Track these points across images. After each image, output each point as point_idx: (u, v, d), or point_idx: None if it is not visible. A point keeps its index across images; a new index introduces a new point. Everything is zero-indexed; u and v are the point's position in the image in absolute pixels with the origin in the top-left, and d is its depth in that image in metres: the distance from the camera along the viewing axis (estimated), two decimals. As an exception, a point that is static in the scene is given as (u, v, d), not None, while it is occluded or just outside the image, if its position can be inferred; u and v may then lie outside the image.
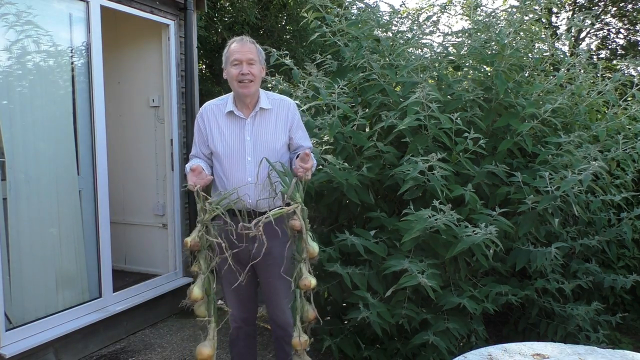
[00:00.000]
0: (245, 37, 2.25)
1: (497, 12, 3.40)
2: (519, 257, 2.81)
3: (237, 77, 2.16)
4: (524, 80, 3.28)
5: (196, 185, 2.01)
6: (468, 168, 2.82)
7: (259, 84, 2.23)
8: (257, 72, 2.20)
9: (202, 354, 1.93)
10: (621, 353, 1.73)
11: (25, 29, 2.89)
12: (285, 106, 2.29)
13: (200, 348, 1.95)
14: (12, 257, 2.80)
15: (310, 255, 2.04)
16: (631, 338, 3.44)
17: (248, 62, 2.16)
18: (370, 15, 3.32)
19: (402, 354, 2.76)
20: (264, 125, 2.24)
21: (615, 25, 13.47)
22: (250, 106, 2.24)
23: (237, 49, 2.18)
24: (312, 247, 2.04)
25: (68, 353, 3.04)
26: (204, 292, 1.95)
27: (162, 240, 4.05)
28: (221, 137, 2.24)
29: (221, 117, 2.26)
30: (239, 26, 7.75)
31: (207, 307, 2.00)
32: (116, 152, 4.04)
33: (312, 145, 2.47)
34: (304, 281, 2.00)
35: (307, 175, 2.09)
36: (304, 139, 2.34)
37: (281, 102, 2.29)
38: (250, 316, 2.44)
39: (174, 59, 3.86)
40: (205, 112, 2.30)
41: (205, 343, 1.96)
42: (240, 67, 2.16)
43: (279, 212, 1.97)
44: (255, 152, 2.20)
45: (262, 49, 2.30)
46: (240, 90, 2.18)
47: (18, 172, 2.85)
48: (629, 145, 3.13)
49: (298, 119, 2.32)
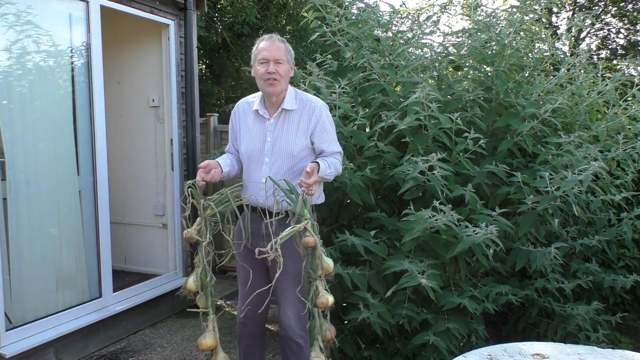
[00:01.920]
0: (275, 36, 2.22)
1: (497, 12, 3.40)
2: (519, 257, 2.81)
3: (264, 75, 2.15)
4: (524, 80, 3.28)
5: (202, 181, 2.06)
6: (468, 168, 2.82)
7: (285, 83, 2.21)
8: (284, 72, 2.17)
9: (202, 345, 2.00)
10: (621, 353, 1.73)
11: (25, 29, 2.89)
12: (310, 108, 2.23)
13: (201, 339, 2.01)
14: (12, 257, 2.80)
15: (325, 272, 1.99)
16: (631, 338, 3.44)
17: (275, 61, 2.14)
18: (370, 15, 3.32)
19: (402, 354, 2.76)
20: (286, 126, 2.22)
21: (615, 25, 13.48)
22: (276, 105, 2.23)
23: (265, 47, 2.17)
24: (327, 262, 1.99)
25: (68, 353, 3.04)
26: (198, 284, 1.99)
27: (162, 240, 4.05)
28: (246, 136, 2.27)
29: (249, 115, 2.28)
30: (239, 26, 7.75)
31: (205, 299, 2.04)
32: (116, 152, 4.04)
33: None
34: (321, 299, 1.96)
35: (311, 190, 2.03)
36: (327, 142, 2.24)
37: (307, 104, 2.24)
38: (255, 315, 2.36)
39: (174, 59, 3.86)
40: (238, 109, 2.34)
41: (205, 334, 2.02)
42: (267, 65, 2.15)
43: (291, 232, 1.94)
44: (273, 153, 2.20)
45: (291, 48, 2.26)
46: (266, 89, 2.18)
47: (18, 172, 2.85)
48: (629, 145, 3.13)
49: (324, 122, 2.23)
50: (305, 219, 1.97)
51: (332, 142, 2.28)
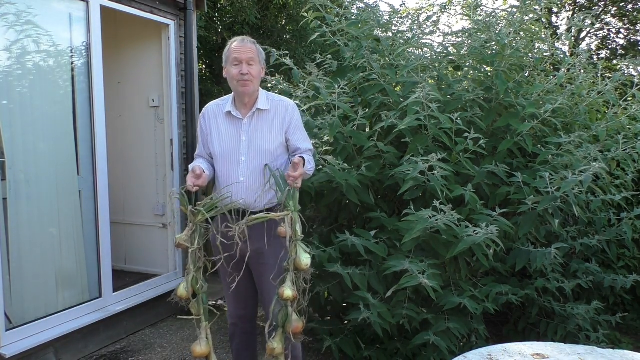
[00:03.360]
0: (246, 38, 2.25)
1: (497, 12, 3.40)
2: (519, 257, 2.81)
3: (237, 76, 2.18)
4: (524, 80, 3.28)
5: (194, 186, 2.06)
6: (468, 168, 2.82)
7: (258, 84, 2.25)
8: (256, 73, 2.22)
9: (195, 352, 2.02)
10: (621, 353, 1.73)
11: (25, 28, 2.88)
12: (283, 107, 2.28)
13: (193, 347, 2.03)
14: (12, 257, 2.80)
15: (297, 267, 1.96)
16: (631, 338, 3.44)
17: (248, 62, 2.18)
18: (370, 15, 3.31)
19: (403, 354, 2.77)
20: (260, 126, 2.25)
21: (615, 25, 13.47)
22: (249, 106, 2.26)
23: (237, 48, 2.20)
24: (301, 258, 1.95)
25: (68, 353, 3.04)
26: (189, 291, 1.98)
27: (162, 240, 4.05)
28: (219, 137, 2.28)
29: (221, 117, 2.29)
30: (239, 26, 7.74)
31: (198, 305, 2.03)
32: (116, 152, 4.04)
33: (313, 145, 2.45)
34: (279, 289, 1.96)
35: (297, 183, 2.05)
36: (301, 140, 2.31)
37: (279, 103, 2.29)
38: (247, 313, 2.45)
39: (174, 59, 3.86)
40: (206, 112, 2.34)
41: (198, 342, 2.03)
42: (240, 67, 2.18)
43: (262, 217, 1.99)
44: (249, 153, 2.22)
45: (262, 49, 2.30)
46: (239, 89, 2.21)
47: (18, 172, 2.85)
48: (629, 145, 3.13)
49: (297, 120, 2.30)
50: (287, 210, 1.98)
51: (306, 140, 2.35)
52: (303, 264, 1.95)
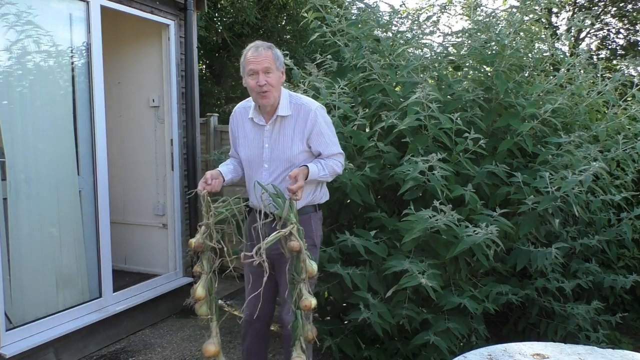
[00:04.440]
0: (262, 44, 2.17)
1: (497, 12, 3.40)
2: (520, 257, 2.81)
3: (255, 88, 2.13)
4: (524, 80, 3.29)
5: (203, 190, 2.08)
6: (468, 168, 2.82)
7: (278, 91, 2.19)
8: (275, 81, 2.15)
9: (208, 352, 2.04)
10: (621, 353, 1.73)
11: (25, 29, 2.88)
12: (305, 112, 2.21)
13: (206, 346, 2.05)
14: (12, 257, 2.80)
15: (309, 275, 2.00)
16: (631, 338, 3.44)
17: (264, 71, 2.12)
18: (370, 15, 3.32)
19: (403, 354, 2.77)
20: (282, 132, 2.22)
21: (615, 25, 13.48)
22: (271, 113, 2.22)
23: (252, 58, 2.13)
24: (311, 266, 2.01)
25: (68, 353, 3.04)
26: (206, 292, 2.02)
27: (162, 240, 4.05)
28: (245, 142, 2.30)
29: (247, 121, 2.30)
30: (239, 26, 7.74)
31: (209, 305, 2.06)
32: (116, 152, 4.04)
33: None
34: (304, 302, 1.97)
35: (296, 196, 2.04)
36: (324, 145, 2.23)
37: (301, 108, 2.22)
38: (260, 314, 2.34)
39: (174, 59, 3.86)
40: (235, 114, 2.36)
41: (210, 341, 2.06)
42: (256, 77, 2.12)
43: (276, 237, 1.96)
44: (272, 159, 2.22)
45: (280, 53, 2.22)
46: (259, 101, 2.18)
47: (18, 172, 2.85)
48: (629, 145, 3.13)
49: (320, 125, 2.21)
50: (291, 224, 1.99)
51: (330, 145, 2.26)
52: (315, 271, 2.00)
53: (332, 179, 2.30)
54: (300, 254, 1.99)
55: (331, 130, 2.29)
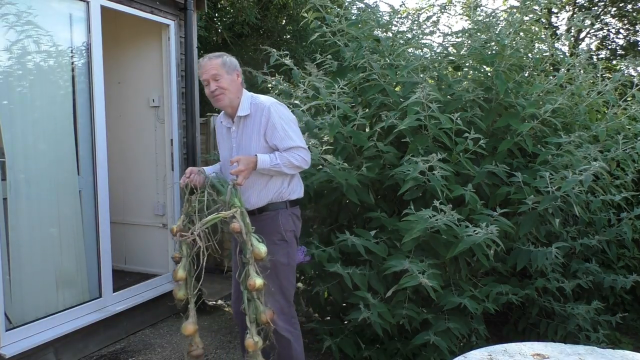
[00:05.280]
0: (211, 55, 2.35)
1: (497, 12, 3.40)
2: (520, 257, 2.81)
3: (209, 95, 2.34)
4: (524, 80, 3.29)
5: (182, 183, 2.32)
6: (468, 168, 2.82)
7: (233, 93, 2.33)
8: (226, 84, 2.31)
9: (188, 330, 2.21)
10: (621, 353, 1.73)
11: (25, 29, 2.88)
12: (260, 109, 2.32)
13: (185, 326, 2.21)
14: (12, 257, 2.80)
15: (256, 257, 2.08)
16: (631, 338, 3.44)
17: (213, 78, 2.30)
18: (370, 15, 3.32)
19: (403, 354, 2.77)
20: (245, 132, 2.37)
21: (615, 25, 13.48)
22: (233, 114, 2.39)
23: (201, 69, 2.34)
24: (258, 248, 2.08)
25: (68, 353, 3.04)
26: (187, 273, 2.17)
27: (162, 240, 4.05)
28: (221, 145, 2.51)
29: (221, 126, 2.50)
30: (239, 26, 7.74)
31: (187, 288, 2.22)
32: (116, 152, 4.04)
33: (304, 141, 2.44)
34: (249, 281, 2.06)
35: (237, 180, 2.18)
36: (279, 139, 2.31)
37: (258, 107, 2.34)
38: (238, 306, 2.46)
39: (174, 59, 3.86)
40: (216, 120, 2.56)
41: (189, 321, 2.21)
42: (208, 86, 2.32)
43: (215, 218, 2.09)
44: None
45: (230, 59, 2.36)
46: (216, 105, 2.36)
47: (18, 172, 2.85)
48: (629, 145, 3.13)
49: (273, 120, 2.30)
50: (234, 207, 2.10)
51: (285, 138, 2.32)
52: (262, 253, 2.07)
53: (291, 171, 2.34)
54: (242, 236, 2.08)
55: (288, 125, 2.34)
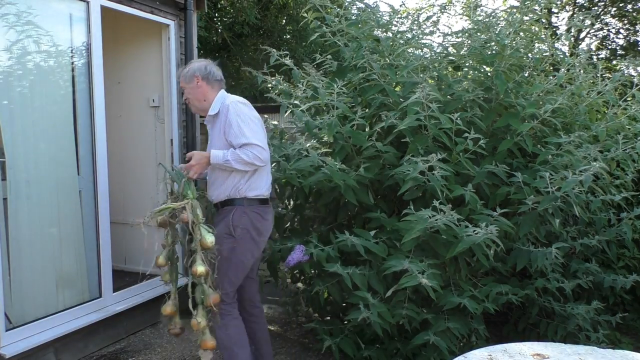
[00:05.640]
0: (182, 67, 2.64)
1: (497, 12, 3.40)
2: (520, 257, 2.81)
3: None
4: (524, 80, 3.28)
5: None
6: (468, 168, 2.82)
7: (195, 100, 2.52)
8: (190, 94, 2.52)
9: (166, 311, 2.42)
10: (621, 353, 1.73)
11: (25, 29, 2.88)
12: (225, 108, 2.43)
13: (165, 307, 2.42)
14: (12, 257, 2.80)
15: (202, 246, 2.21)
16: (631, 338, 3.44)
17: (182, 90, 2.60)
18: (370, 15, 3.32)
19: (403, 354, 2.77)
20: (214, 129, 2.51)
21: (615, 25, 13.48)
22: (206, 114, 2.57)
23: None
24: (205, 238, 2.20)
25: (68, 353, 3.04)
26: (168, 261, 2.40)
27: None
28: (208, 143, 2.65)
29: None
30: (239, 26, 7.74)
31: (170, 273, 2.47)
32: (116, 152, 4.04)
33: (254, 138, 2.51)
34: (193, 268, 2.23)
35: (189, 173, 2.38)
36: (233, 136, 2.37)
37: (222, 106, 2.45)
38: None
39: (174, 59, 3.86)
40: None
41: (169, 302, 2.44)
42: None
43: (164, 208, 2.27)
44: None
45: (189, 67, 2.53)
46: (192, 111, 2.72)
47: (18, 172, 2.85)
48: (628, 145, 3.13)
49: (230, 117, 2.38)
50: (186, 199, 2.26)
51: (239, 135, 2.35)
52: (209, 242, 2.21)
53: (243, 167, 2.36)
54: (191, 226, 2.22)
55: (244, 123, 2.37)
